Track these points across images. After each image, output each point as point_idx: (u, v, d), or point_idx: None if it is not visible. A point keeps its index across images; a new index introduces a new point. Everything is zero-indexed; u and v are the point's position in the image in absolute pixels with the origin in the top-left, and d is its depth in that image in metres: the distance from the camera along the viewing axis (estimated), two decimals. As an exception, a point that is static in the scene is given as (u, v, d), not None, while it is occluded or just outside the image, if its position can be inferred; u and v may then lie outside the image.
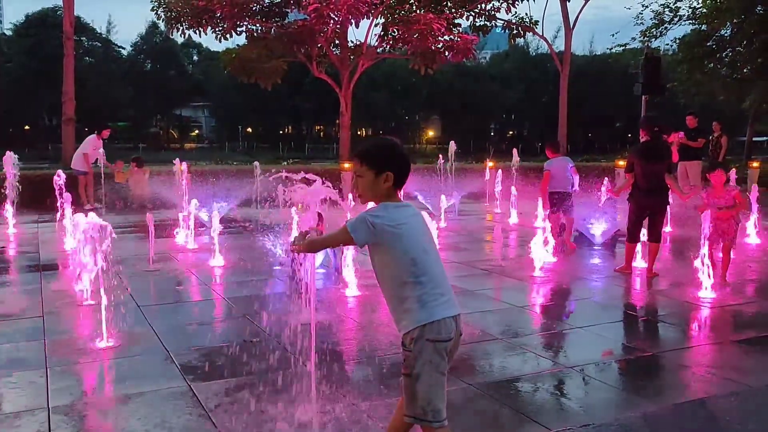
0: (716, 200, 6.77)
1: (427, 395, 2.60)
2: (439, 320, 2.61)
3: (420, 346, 2.59)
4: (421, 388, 2.59)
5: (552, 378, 4.36)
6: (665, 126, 8.26)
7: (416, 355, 2.60)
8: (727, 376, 4.36)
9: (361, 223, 2.62)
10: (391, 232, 2.62)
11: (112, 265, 7.97)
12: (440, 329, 2.61)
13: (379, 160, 2.71)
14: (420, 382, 2.59)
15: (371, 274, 2.84)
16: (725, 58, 28.03)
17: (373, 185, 2.71)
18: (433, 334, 2.59)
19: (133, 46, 66.03)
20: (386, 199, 2.72)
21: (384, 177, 2.69)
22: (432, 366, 2.59)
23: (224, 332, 5.46)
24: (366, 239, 2.63)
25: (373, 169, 2.70)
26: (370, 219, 2.61)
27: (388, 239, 2.62)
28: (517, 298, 6.51)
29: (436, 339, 2.59)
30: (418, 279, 2.62)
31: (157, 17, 21.47)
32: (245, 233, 10.96)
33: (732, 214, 6.75)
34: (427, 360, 2.59)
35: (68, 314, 5.91)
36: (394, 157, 2.73)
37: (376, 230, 2.61)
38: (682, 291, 6.80)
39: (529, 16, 25.93)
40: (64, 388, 4.12)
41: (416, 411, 2.61)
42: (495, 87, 64.87)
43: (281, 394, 3.99)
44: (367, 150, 2.78)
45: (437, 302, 2.63)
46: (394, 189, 2.72)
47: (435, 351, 2.59)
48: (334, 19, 19.32)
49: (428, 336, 2.58)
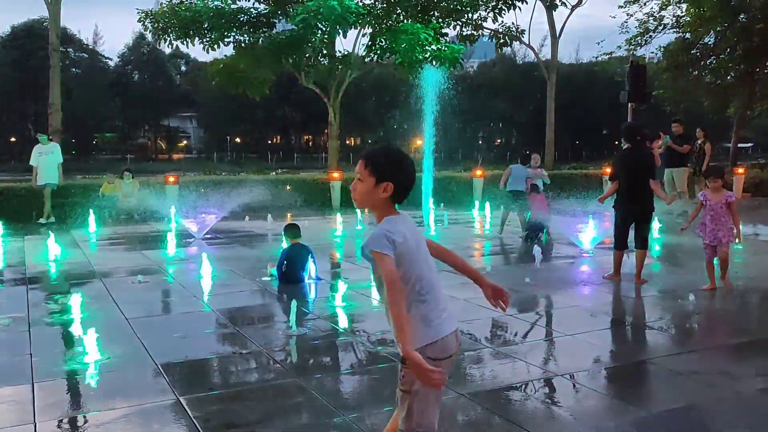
0: (711, 203, 6.77)
1: (424, 412, 2.56)
2: (443, 338, 2.56)
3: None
4: (418, 405, 2.55)
5: (542, 386, 4.37)
6: (647, 133, 8.36)
7: (410, 373, 2.52)
8: (716, 381, 4.38)
9: (384, 239, 2.49)
10: (401, 250, 2.51)
11: (101, 278, 7.94)
12: (443, 348, 2.56)
13: (383, 168, 2.57)
14: (417, 399, 2.54)
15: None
16: (709, 65, 28.35)
17: (370, 193, 2.58)
18: (435, 353, 2.54)
19: (121, 56, 65.85)
20: (383, 210, 2.60)
21: (383, 187, 2.56)
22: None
23: (213, 344, 5.42)
24: (392, 254, 2.49)
25: (374, 175, 2.57)
26: (389, 235, 2.49)
27: (398, 256, 2.50)
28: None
29: (437, 357, 2.54)
30: (423, 297, 2.55)
31: (144, 28, 21.46)
32: (234, 243, 10.92)
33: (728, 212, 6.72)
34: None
35: (55, 328, 5.85)
36: (399, 169, 2.58)
37: (396, 247, 2.49)
38: (671, 297, 6.84)
39: (516, 26, 26.20)
40: (51, 405, 4.07)
41: (410, 426, 2.57)
42: (483, 95, 65.21)
43: (271, 406, 3.98)
44: (374, 155, 2.62)
45: (440, 319, 2.56)
46: (391, 201, 2.60)
47: (439, 368, 2.51)
48: (321, 30, 19.37)
49: (430, 354, 2.51)
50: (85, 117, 55.57)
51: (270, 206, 14.90)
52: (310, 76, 21.84)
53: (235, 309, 6.52)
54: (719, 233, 6.71)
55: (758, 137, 65.28)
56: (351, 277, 8.13)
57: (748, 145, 64.10)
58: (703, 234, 6.80)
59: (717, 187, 6.81)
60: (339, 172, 18.15)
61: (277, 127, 67.33)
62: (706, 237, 6.79)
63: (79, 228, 12.49)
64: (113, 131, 64.94)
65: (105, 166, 17.79)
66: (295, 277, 7.51)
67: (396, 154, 2.64)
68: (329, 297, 6.88)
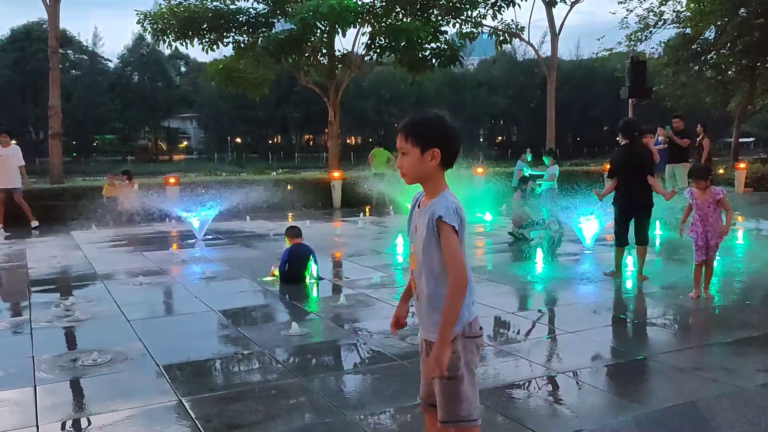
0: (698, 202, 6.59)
1: (472, 394, 2.52)
2: (477, 318, 2.57)
3: (463, 344, 2.51)
4: (466, 388, 2.50)
5: (544, 383, 4.36)
6: (645, 129, 8.35)
7: (459, 355, 2.50)
8: (718, 377, 4.38)
9: (455, 213, 2.43)
10: (464, 226, 2.46)
11: (102, 279, 7.95)
12: (478, 326, 2.57)
13: (426, 135, 2.48)
14: (465, 382, 2.50)
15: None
16: (710, 60, 28.33)
17: (418, 164, 2.48)
18: (473, 331, 2.54)
19: (120, 58, 65.98)
20: (435, 181, 2.51)
21: (430, 154, 2.47)
22: (472, 364, 2.54)
23: (215, 345, 5.42)
24: (459, 229, 2.43)
25: (418, 145, 2.48)
26: (458, 208, 2.44)
27: (460, 233, 2.44)
28: (507, 303, 6.52)
29: (475, 335, 2.54)
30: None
31: (143, 30, 21.45)
32: (235, 244, 10.92)
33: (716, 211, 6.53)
34: (470, 359, 2.53)
35: (57, 330, 5.86)
36: (442, 133, 2.49)
37: (462, 222, 2.44)
38: (672, 294, 6.84)
39: (516, 23, 26.10)
40: (53, 407, 4.08)
41: (461, 413, 2.51)
42: (483, 93, 65.22)
43: (273, 406, 3.98)
44: (413, 124, 2.51)
45: (471, 300, 2.55)
46: (441, 169, 2.50)
47: (476, 348, 2.56)
48: (321, 29, 19.36)
49: (468, 334, 2.52)
50: (85, 119, 55.72)
51: (271, 206, 14.90)
52: (310, 76, 21.84)
53: (237, 309, 6.52)
54: (708, 234, 6.51)
55: (760, 132, 65.24)
56: (353, 276, 8.14)
57: (749, 140, 64.04)
58: (695, 235, 6.58)
59: (703, 187, 6.59)
60: (339, 171, 18.15)
61: (277, 127, 67.41)
62: (698, 238, 6.59)
63: (79, 230, 12.50)
64: (113, 133, 65.02)
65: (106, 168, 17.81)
66: (297, 277, 7.51)
67: (435, 119, 2.56)
68: (331, 297, 6.88)
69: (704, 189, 6.48)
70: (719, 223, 6.51)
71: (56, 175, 18.89)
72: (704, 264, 6.59)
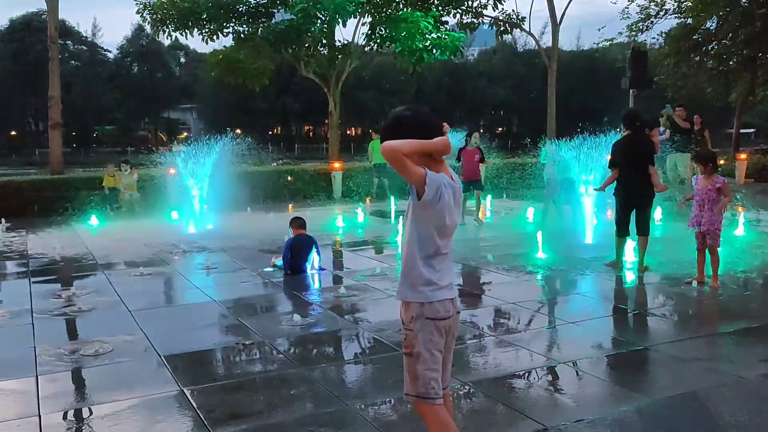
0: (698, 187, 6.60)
1: (429, 374, 2.60)
2: (443, 301, 2.61)
3: (420, 324, 2.59)
4: (420, 367, 2.59)
5: (545, 373, 4.37)
6: (647, 120, 8.32)
7: (416, 334, 2.59)
8: (718, 367, 4.39)
9: (436, 182, 2.52)
10: (442, 199, 2.54)
11: (103, 270, 7.95)
12: (439, 309, 2.61)
13: (411, 128, 2.57)
14: (419, 360, 2.59)
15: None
16: (711, 51, 28.18)
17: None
18: (433, 314, 2.60)
19: (120, 49, 65.65)
20: (430, 167, 2.56)
21: None
22: (431, 344, 2.59)
23: (216, 335, 5.43)
24: (432, 198, 2.51)
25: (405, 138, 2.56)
26: (439, 183, 2.52)
27: (436, 205, 2.53)
28: (507, 294, 6.52)
29: (436, 317, 2.60)
30: (434, 257, 2.59)
31: (143, 20, 21.34)
32: (236, 234, 10.92)
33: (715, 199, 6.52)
34: (427, 339, 2.59)
35: (58, 320, 5.86)
36: (426, 125, 2.59)
37: (439, 195, 2.52)
38: (673, 284, 6.84)
39: (516, 13, 25.98)
40: (55, 397, 4.09)
41: (418, 390, 2.61)
42: (483, 83, 65.00)
43: (275, 396, 3.99)
44: (398, 118, 2.65)
45: (442, 285, 2.61)
46: (433, 157, 2.58)
47: (436, 330, 2.60)
48: (321, 19, 19.27)
49: (428, 315, 2.59)
50: (84, 110, 55.54)
51: (272, 197, 14.88)
52: (310, 66, 21.75)
53: (238, 299, 6.53)
54: (702, 219, 6.51)
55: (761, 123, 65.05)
56: (354, 267, 8.14)
57: (750, 130, 63.83)
58: (691, 221, 6.59)
59: (706, 172, 6.55)
60: (340, 162, 18.10)
61: (277, 117, 67.18)
62: (690, 222, 6.60)
63: (80, 220, 12.50)
64: (113, 124, 64.83)
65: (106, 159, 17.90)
66: (299, 267, 7.52)
67: (397, 115, 2.66)
68: (332, 287, 6.89)
69: (708, 175, 6.47)
70: (715, 207, 6.44)
71: (56, 166, 18.86)
72: (705, 251, 6.59)
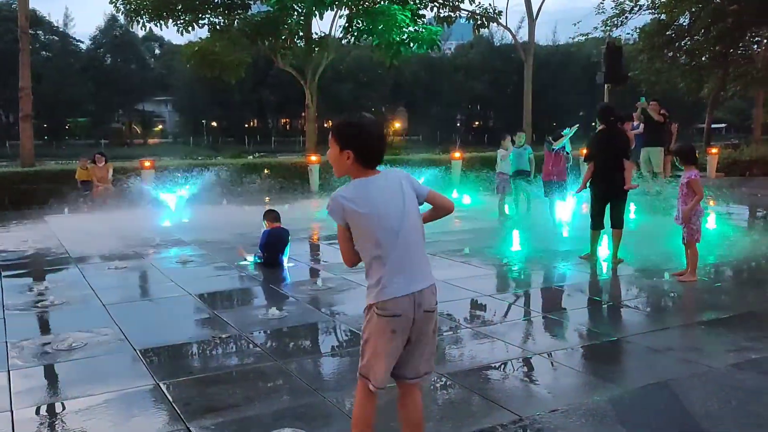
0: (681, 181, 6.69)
1: (372, 358, 2.75)
2: (394, 299, 2.70)
3: (371, 314, 2.75)
4: (368, 350, 2.77)
5: (520, 365, 4.42)
6: (622, 114, 8.41)
7: (367, 322, 2.77)
8: (689, 358, 4.47)
9: (335, 203, 2.71)
10: (357, 214, 2.68)
11: (76, 264, 7.85)
12: (392, 307, 2.70)
13: (343, 137, 2.73)
14: (368, 345, 2.77)
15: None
16: (684, 46, 28.59)
17: (337, 160, 2.76)
18: (382, 311, 2.71)
19: (92, 39, 64.63)
20: (354, 175, 2.75)
21: (346, 155, 2.71)
22: (379, 334, 2.72)
23: (192, 329, 5.39)
24: (342, 220, 2.73)
25: (337, 144, 2.74)
26: (340, 200, 2.70)
27: (355, 220, 2.69)
28: (483, 286, 6.57)
29: (384, 314, 2.71)
30: (381, 261, 2.70)
31: (116, 10, 21.03)
32: (211, 228, 10.84)
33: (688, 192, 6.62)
34: (374, 329, 2.73)
35: (30, 314, 5.78)
36: (358, 137, 2.72)
37: (345, 212, 2.69)
38: (646, 276, 6.94)
39: (493, 7, 26.09)
40: (28, 391, 4.03)
41: (362, 370, 2.80)
42: (460, 77, 65.17)
43: (251, 389, 3.98)
44: (337, 125, 2.81)
45: (392, 284, 2.70)
46: (360, 166, 2.73)
47: (386, 323, 2.71)
48: (298, 11, 19.15)
49: (379, 312, 2.71)
50: (56, 101, 54.59)
51: (248, 190, 14.79)
52: (287, 59, 21.62)
53: (214, 293, 6.50)
54: (678, 213, 6.62)
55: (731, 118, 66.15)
56: (329, 259, 8.13)
57: (721, 125, 64.91)
58: None
59: (686, 166, 6.61)
60: (317, 155, 18.04)
61: (253, 110, 66.68)
62: (675, 216, 6.73)
63: (53, 214, 12.31)
64: (86, 116, 63.81)
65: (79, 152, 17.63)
66: (274, 260, 7.49)
67: (355, 123, 2.77)
68: (308, 280, 6.87)
69: (687, 168, 6.55)
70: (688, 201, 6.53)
71: (27, 159, 18.54)
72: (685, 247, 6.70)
